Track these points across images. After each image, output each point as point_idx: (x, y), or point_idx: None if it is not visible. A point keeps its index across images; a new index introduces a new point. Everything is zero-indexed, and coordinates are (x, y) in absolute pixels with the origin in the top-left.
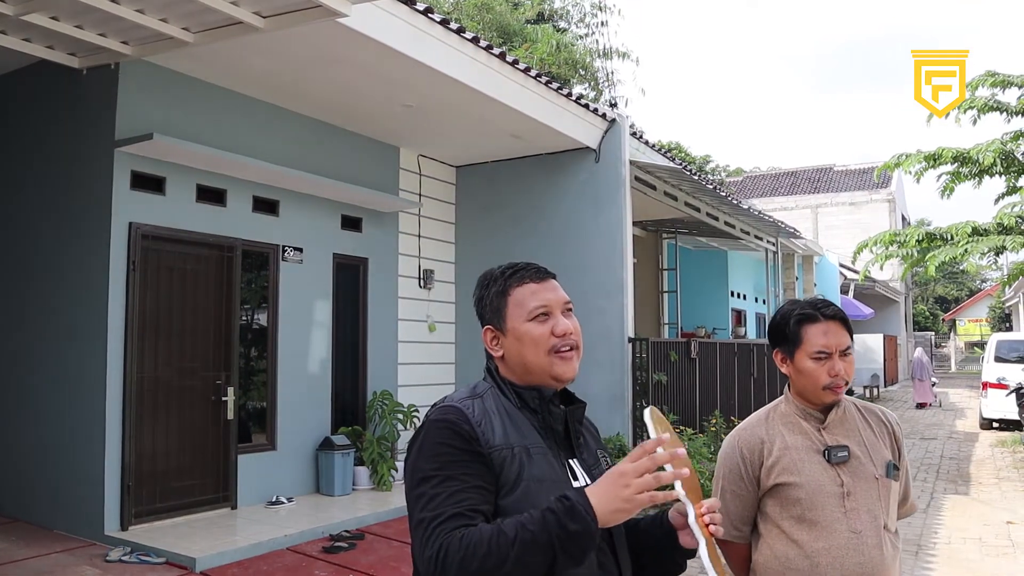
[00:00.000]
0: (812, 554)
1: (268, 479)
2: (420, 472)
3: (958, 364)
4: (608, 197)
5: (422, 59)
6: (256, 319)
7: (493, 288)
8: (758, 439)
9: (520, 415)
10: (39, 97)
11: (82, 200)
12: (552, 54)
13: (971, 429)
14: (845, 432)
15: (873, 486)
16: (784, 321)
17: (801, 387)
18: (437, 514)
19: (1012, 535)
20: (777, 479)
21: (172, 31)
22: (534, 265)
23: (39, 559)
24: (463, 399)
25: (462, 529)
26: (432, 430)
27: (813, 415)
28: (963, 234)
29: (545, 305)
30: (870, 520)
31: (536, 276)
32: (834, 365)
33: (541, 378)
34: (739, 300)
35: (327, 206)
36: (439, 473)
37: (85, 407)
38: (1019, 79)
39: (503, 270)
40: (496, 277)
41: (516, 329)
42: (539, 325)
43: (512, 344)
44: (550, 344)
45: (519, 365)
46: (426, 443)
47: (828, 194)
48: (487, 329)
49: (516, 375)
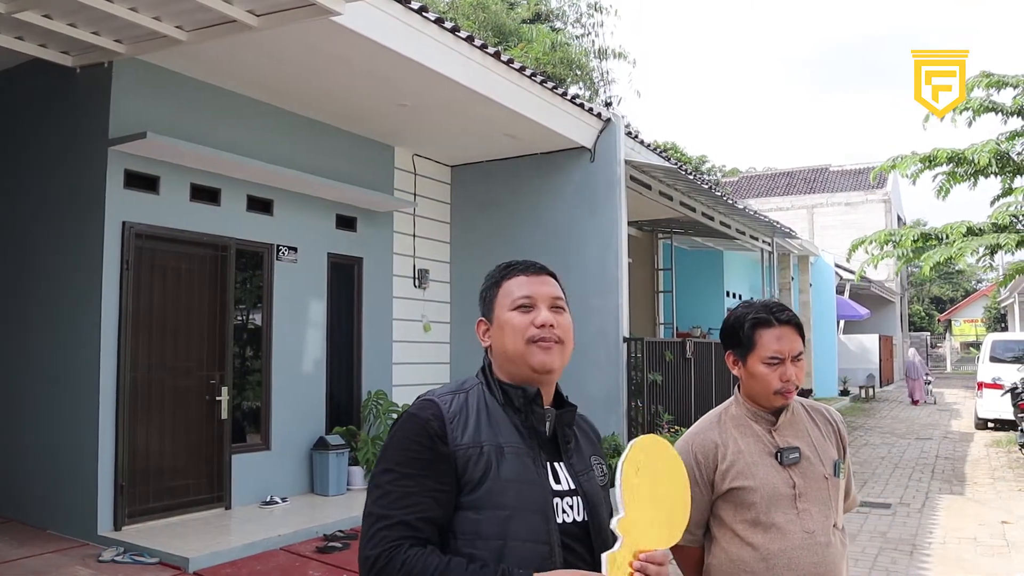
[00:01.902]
0: (767, 556)
1: (262, 479)
2: (384, 462)
3: (954, 364)
4: (603, 197)
5: (417, 58)
6: (250, 319)
7: (489, 281)
8: (712, 443)
9: (501, 413)
10: (32, 96)
11: (75, 199)
12: (547, 54)
13: (966, 429)
14: (795, 433)
15: (823, 486)
16: (738, 324)
17: (752, 391)
18: (385, 514)
19: (1007, 535)
20: (732, 483)
21: (166, 29)
22: (532, 261)
23: (32, 559)
24: (445, 393)
25: (406, 543)
26: (405, 423)
27: (764, 417)
28: (958, 234)
29: (530, 296)
30: (822, 519)
31: (528, 270)
32: (786, 370)
33: (521, 369)
34: (735, 300)
35: (322, 205)
36: (399, 470)
37: (78, 406)
38: (1014, 79)
39: (502, 265)
40: (495, 272)
41: (500, 317)
42: (521, 314)
43: (496, 333)
44: (529, 333)
45: (501, 354)
46: (397, 435)
47: (824, 194)
48: (480, 321)
49: (504, 370)
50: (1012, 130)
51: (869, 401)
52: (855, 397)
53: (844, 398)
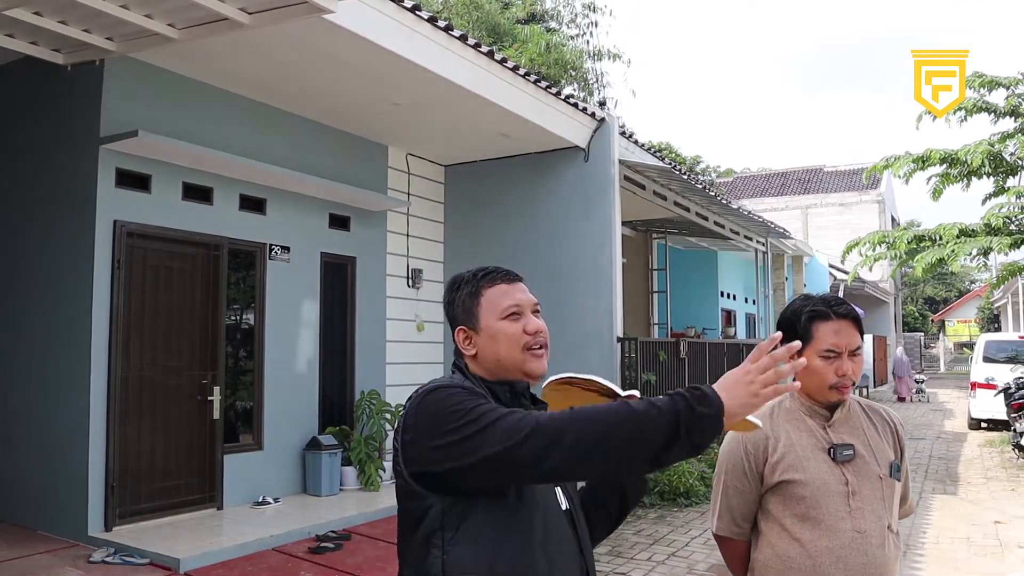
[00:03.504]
0: (815, 553)
1: (254, 479)
2: (447, 423)
3: (947, 364)
4: (597, 196)
5: (410, 57)
6: (243, 318)
7: (465, 290)
8: (762, 435)
9: None
10: (22, 94)
11: (66, 198)
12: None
13: (959, 429)
14: (850, 430)
15: (877, 485)
16: (795, 316)
17: (808, 384)
18: (515, 410)
19: (1000, 535)
20: (782, 476)
21: (157, 27)
22: (503, 268)
23: (21, 560)
24: (453, 381)
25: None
26: (439, 395)
27: (819, 412)
28: (950, 235)
29: (518, 304)
30: (874, 520)
31: (507, 278)
32: (842, 364)
33: (513, 374)
34: (729, 300)
35: (315, 205)
36: (476, 409)
37: (69, 406)
38: (1007, 80)
39: (474, 273)
40: (467, 279)
41: (490, 327)
42: (512, 323)
43: (486, 342)
44: (523, 341)
45: (492, 361)
46: (437, 407)
47: (818, 195)
48: (460, 329)
49: (487, 371)
50: (1004, 131)
51: None
52: None
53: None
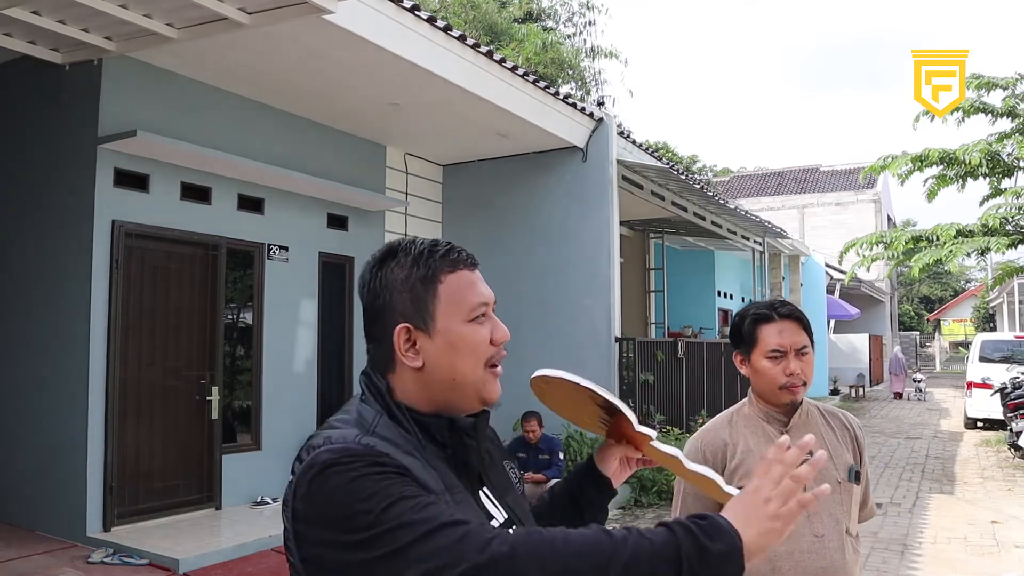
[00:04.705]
0: (773, 558)
1: (253, 479)
2: (359, 519)
3: (942, 364)
4: (595, 196)
5: (409, 56)
6: (241, 318)
7: (415, 270)
8: (721, 441)
9: (432, 450)
10: (20, 93)
11: (64, 198)
12: (539, 54)
13: (956, 428)
14: (808, 435)
15: (836, 490)
16: (740, 322)
17: (759, 388)
18: (456, 521)
19: (997, 534)
20: (739, 483)
21: (156, 27)
22: (458, 246)
23: (20, 561)
24: (358, 436)
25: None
26: (338, 481)
27: (776, 418)
28: (948, 236)
29: (487, 303)
30: (832, 524)
31: (469, 262)
32: (789, 364)
33: (464, 400)
34: (726, 300)
35: (313, 204)
36: (402, 500)
37: (67, 407)
38: (1004, 81)
39: (426, 249)
40: (415, 255)
41: (450, 331)
42: (479, 328)
43: (441, 352)
44: (489, 354)
45: (442, 381)
46: (336, 499)
47: (814, 194)
48: (402, 328)
49: (427, 396)
50: (1002, 131)
51: (859, 400)
52: (845, 396)
53: (834, 397)
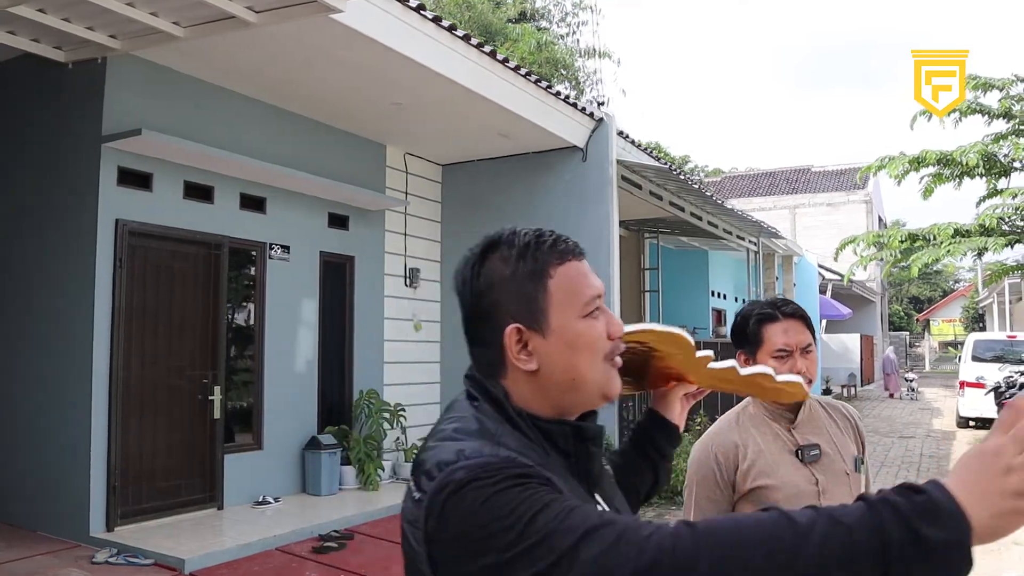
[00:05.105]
0: None
1: (255, 479)
2: (502, 536)
3: (932, 363)
4: (595, 196)
5: (414, 56)
6: (243, 317)
7: (522, 265)
8: (731, 443)
9: (555, 460)
10: (24, 92)
11: (68, 197)
12: (533, 53)
13: (948, 427)
14: (814, 430)
15: (844, 482)
16: (744, 322)
17: None
18: (607, 521)
19: None
20: (754, 483)
21: (162, 25)
22: (563, 235)
23: (23, 561)
24: (493, 453)
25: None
26: (476, 497)
27: (782, 415)
28: (945, 235)
29: (599, 294)
30: None
31: (578, 252)
32: (796, 363)
33: (585, 400)
34: (720, 300)
35: (314, 204)
36: (542, 518)
37: (70, 406)
38: (1000, 82)
39: (531, 239)
40: (523, 247)
41: (566, 329)
42: (595, 323)
43: (558, 352)
44: (607, 348)
45: (562, 384)
46: (475, 518)
47: (806, 195)
48: (514, 328)
49: (549, 402)
50: (998, 132)
51: (851, 400)
52: (837, 396)
53: (827, 397)
